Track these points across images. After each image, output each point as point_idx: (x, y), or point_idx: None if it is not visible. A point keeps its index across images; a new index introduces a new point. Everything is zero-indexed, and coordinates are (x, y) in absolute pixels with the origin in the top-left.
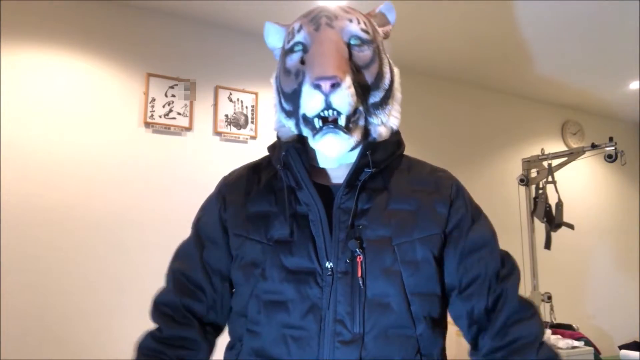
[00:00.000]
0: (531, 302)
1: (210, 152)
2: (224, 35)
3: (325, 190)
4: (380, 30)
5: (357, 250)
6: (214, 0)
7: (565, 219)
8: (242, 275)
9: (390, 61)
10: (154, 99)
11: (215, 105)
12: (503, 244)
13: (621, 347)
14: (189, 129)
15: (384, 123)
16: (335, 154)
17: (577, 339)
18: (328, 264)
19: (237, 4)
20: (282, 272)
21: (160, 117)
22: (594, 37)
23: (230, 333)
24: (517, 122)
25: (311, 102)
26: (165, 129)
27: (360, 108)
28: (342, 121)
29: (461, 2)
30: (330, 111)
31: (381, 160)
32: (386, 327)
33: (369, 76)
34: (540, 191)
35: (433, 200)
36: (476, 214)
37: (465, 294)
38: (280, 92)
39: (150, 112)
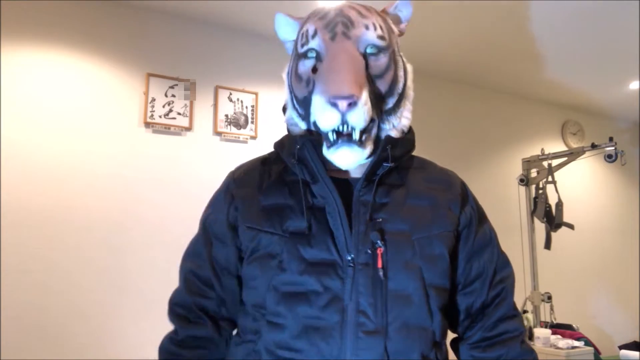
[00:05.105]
0: (515, 304)
1: (210, 152)
2: (224, 35)
3: (340, 184)
4: (395, 28)
5: (379, 242)
6: (215, 1)
7: (565, 219)
8: (258, 267)
9: (404, 59)
10: (154, 99)
11: (215, 105)
12: (503, 244)
13: (621, 347)
14: (189, 129)
15: (395, 127)
16: (348, 166)
17: (577, 339)
18: (348, 256)
19: (238, 4)
20: (301, 264)
21: (160, 117)
22: (594, 37)
23: (241, 327)
24: (517, 122)
25: (326, 118)
26: (165, 129)
27: (375, 118)
28: (356, 135)
29: (462, 2)
30: (345, 126)
31: (399, 156)
32: (407, 319)
33: (384, 84)
34: (540, 191)
35: (447, 198)
36: (481, 215)
37: (468, 290)
38: (292, 92)
39: (150, 112)
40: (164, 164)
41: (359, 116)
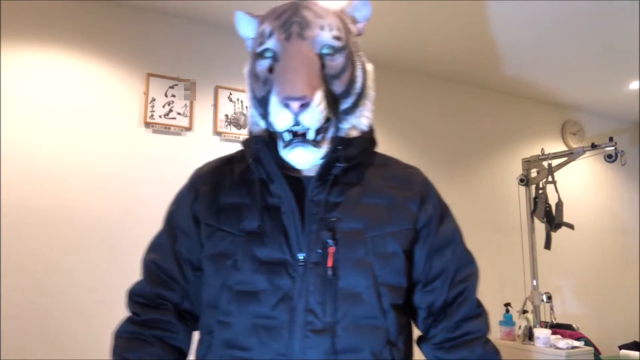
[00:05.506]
0: (480, 302)
1: (210, 152)
2: (224, 35)
3: (298, 183)
4: (353, 29)
5: (330, 241)
6: (215, 0)
7: (565, 219)
8: (212, 266)
9: (364, 59)
10: (154, 99)
11: (215, 105)
12: (503, 244)
13: (621, 347)
14: (189, 129)
15: (355, 126)
16: (304, 166)
17: (577, 339)
18: (300, 255)
19: (238, 4)
20: (254, 263)
21: (160, 117)
22: (594, 37)
23: (200, 327)
24: (517, 122)
25: (280, 119)
26: (165, 129)
27: (331, 118)
28: (310, 135)
29: (461, 2)
30: (299, 126)
31: (353, 155)
32: (357, 317)
33: (340, 85)
34: (540, 191)
35: (405, 196)
36: (444, 212)
37: (428, 288)
38: (253, 92)
39: (150, 112)
40: (164, 164)
41: (312, 117)
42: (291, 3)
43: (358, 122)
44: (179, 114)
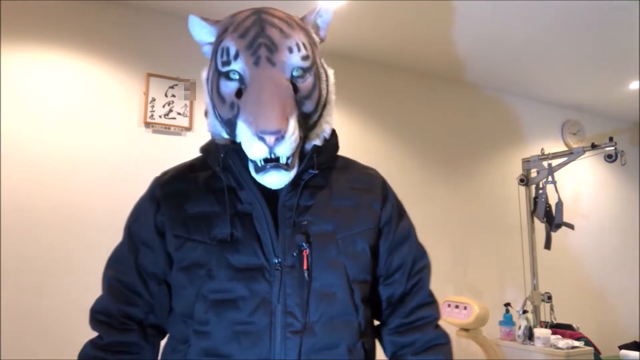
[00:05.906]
0: (432, 291)
1: None
2: None
3: (267, 189)
4: (317, 37)
5: (304, 244)
6: (215, 1)
7: (565, 219)
8: (185, 277)
9: (325, 66)
10: (154, 99)
11: None
12: (503, 244)
13: (621, 347)
14: (189, 129)
15: (318, 135)
16: (277, 186)
17: (577, 339)
18: (276, 260)
19: (239, 5)
20: (229, 271)
21: (160, 117)
22: (594, 37)
23: (171, 336)
24: (517, 122)
25: (254, 150)
26: (165, 129)
27: (301, 136)
28: (283, 160)
29: (461, 2)
30: (272, 154)
31: (324, 161)
32: (333, 315)
33: (311, 103)
34: (540, 191)
35: (369, 197)
36: (401, 211)
37: (389, 281)
38: (215, 108)
39: (150, 112)
40: (164, 164)
41: (286, 148)
42: (254, 15)
43: (321, 129)
44: (179, 114)
